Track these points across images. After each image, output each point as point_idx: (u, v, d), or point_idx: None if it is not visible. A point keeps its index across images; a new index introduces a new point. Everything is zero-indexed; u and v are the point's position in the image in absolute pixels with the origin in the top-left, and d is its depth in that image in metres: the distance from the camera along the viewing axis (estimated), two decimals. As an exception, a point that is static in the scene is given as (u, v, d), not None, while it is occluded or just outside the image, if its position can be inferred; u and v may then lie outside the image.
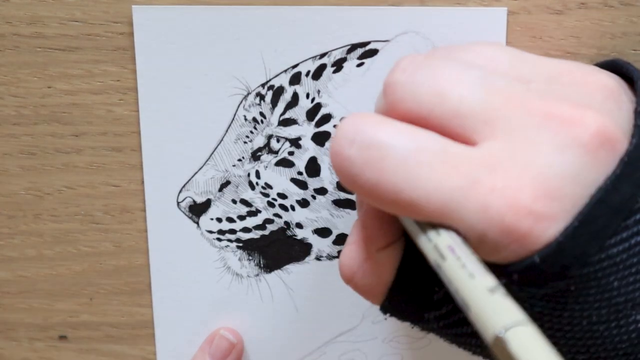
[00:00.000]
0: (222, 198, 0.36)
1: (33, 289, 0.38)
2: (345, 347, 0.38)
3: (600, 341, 0.23)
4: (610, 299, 0.22)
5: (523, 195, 0.21)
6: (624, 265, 0.22)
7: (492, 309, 0.20)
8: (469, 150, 0.22)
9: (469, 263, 0.21)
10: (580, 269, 0.22)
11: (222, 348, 0.37)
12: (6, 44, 0.35)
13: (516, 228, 0.21)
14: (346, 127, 0.23)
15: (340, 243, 0.36)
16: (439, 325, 0.26)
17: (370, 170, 0.22)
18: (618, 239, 0.22)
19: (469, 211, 0.21)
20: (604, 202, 0.21)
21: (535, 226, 0.21)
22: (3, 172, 0.37)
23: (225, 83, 0.34)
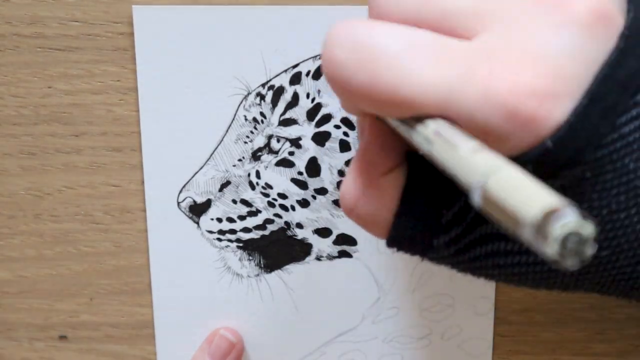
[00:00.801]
0: (223, 198, 0.36)
1: (33, 289, 0.38)
2: (345, 347, 0.38)
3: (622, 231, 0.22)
4: (628, 183, 0.21)
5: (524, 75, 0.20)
6: (638, 145, 0.21)
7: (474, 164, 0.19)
8: (464, 42, 0.22)
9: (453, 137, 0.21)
10: (595, 151, 0.21)
11: (222, 348, 0.37)
12: (6, 44, 0.35)
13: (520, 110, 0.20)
14: (336, 32, 0.22)
15: (340, 243, 0.36)
16: (449, 252, 0.25)
17: (364, 72, 0.22)
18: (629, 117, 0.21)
19: (469, 100, 0.21)
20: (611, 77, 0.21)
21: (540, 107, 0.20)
22: (3, 172, 0.37)
23: (226, 83, 0.34)
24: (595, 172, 0.21)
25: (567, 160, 0.21)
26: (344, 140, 0.34)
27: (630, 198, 0.22)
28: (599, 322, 0.37)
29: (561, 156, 0.21)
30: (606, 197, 0.22)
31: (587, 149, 0.21)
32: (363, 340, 0.38)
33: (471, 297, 0.37)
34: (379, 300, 0.37)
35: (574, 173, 0.21)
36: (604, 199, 0.22)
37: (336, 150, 0.34)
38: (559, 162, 0.21)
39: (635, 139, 0.21)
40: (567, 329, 0.38)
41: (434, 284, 0.36)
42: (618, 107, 0.21)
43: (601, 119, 0.21)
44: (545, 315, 0.37)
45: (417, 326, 0.37)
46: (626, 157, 0.21)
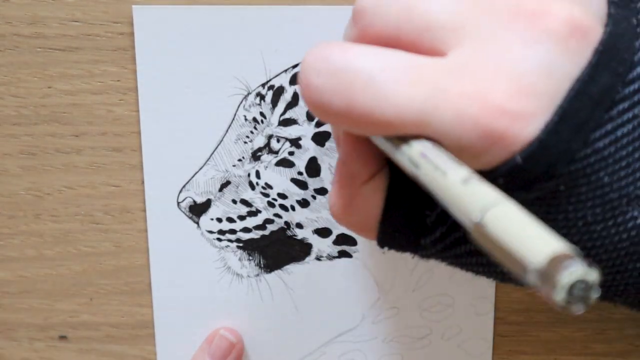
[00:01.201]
0: (222, 198, 0.36)
1: (33, 289, 0.38)
2: (345, 347, 0.38)
3: (600, 242, 0.22)
4: (603, 196, 0.21)
5: (495, 95, 0.20)
6: (613, 159, 0.21)
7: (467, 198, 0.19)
8: (436, 60, 0.22)
9: (441, 162, 0.21)
10: (567, 165, 0.21)
11: (222, 348, 0.37)
12: (6, 44, 0.35)
13: (492, 129, 0.20)
14: (312, 57, 0.23)
15: (340, 243, 0.36)
16: (436, 250, 0.25)
17: (340, 97, 0.22)
18: (603, 132, 0.21)
19: (442, 120, 0.21)
20: (583, 93, 0.21)
21: (512, 125, 0.20)
22: (3, 172, 0.37)
23: (226, 83, 0.34)
24: (569, 185, 0.21)
25: (539, 174, 0.21)
26: (343, 140, 0.34)
27: (607, 211, 0.22)
28: (599, 322, 0.37)
29: (532, 171, 0.21)
30: (582, 209, 0.22)
31: (559, 164, 0.21)
32: (363, 340, 0.38)
33: (471, 297, 0.37)
34: (379, 300, 0.37)
35: (547, 186, 0.21)
36: (580, 210, 0.22)
37: (336, 150, 0.34)
38: (531, 176, 0.21)
39: (610, 154, 0.21)
40: (567, 329, 0.38)
41: (434, 284, 0.36)
42: (591, 122, 0.21)
43: (573, 135, 0.21)
44: (545, 315, 0.37)
45: (417, 326, 0.37)
46: (600, 171, 0.21)
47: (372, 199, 0.26)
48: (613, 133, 0.21)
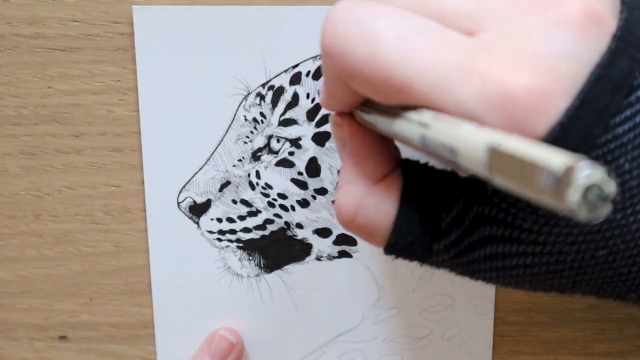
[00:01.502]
0: (223, 198, 0.36)
1: (33, 289, 0.38)
2: (345, 347, 0.38)
3: (618, 231, 0.22)
4: (624, 184, 0.21)
5: (520, 74, 0.20)
6: (632, 145, 0.21)
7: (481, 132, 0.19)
8: (464, 36, 0.22)
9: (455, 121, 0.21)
10: (587, 152, 0.21)
11: (222, 348, 0.37)
12: (6, 44, 0.35)
13: (516, 108, 0.20)
14: (341, 6, 0.23)
15: (340, 243, 0.36)
16: (449, 256, 0.25)
17: (364, 47, 0.22)
18: (622, 118, 0.21)
19: (464, 92, 0.21)
20: (603, 78, 0.21)
21: (535, 106, 0.20)
22: (3, 172, 0.37)
23: (225, 83, 0.34)
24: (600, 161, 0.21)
25: None
26: (344, 140, 0.34)
27: (626, 199, 0.22)
28: (599, 322, 0.37)
29: None
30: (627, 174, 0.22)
31: (580, 149, 0.21)
32: (363, 340, 0.38)
33: (471, 297, 0.37)
34: (379, 300, 0.37)
35: None
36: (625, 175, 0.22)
37: (336, 151, 0.34)
38: None
39: (629, 140, 0.21)
40: (567, 329, 0.38)
41: (434, 284, 0.36)
42: (611, 107, 0.21)
43: (594, 120, 0.21)
44: (545, 315, 0.37)
45: (417, 326, 0.37)
46: (621, 157, 0.21)
47: (386, 199, 0.25)
48: (632, 119, 0.21)
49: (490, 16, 0.22)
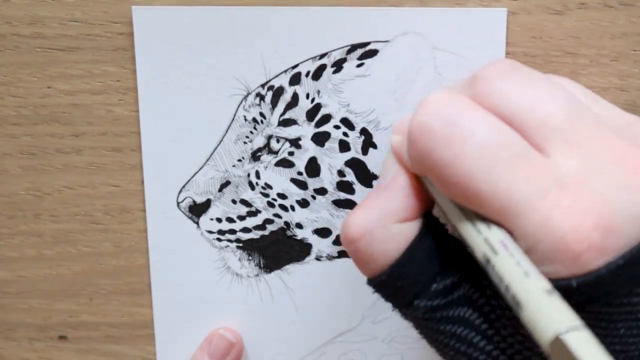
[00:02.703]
0: (222, 198, 0.36)
1: (33, 289, 0.38)
2: (345, 347, 0.38)
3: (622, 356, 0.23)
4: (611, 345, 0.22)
5: (587, 219, 0.21)
6: (635, 317, 0.22)
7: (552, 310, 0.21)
8: (546, 160, 0.23)
9: (523, 261, 0.22)
10: (601, 307, 0.22)
11: (221, 347, 0.37)
12: (6, 44, 0.35)
13: (571, 248, 0.21)
14: (436, 101, 0.23)
15: (340, 243, 0.36)
16: (423, 316, 0.25)
17: (449, 148, 0.22)
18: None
19: (530, 218, 0.22)
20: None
21: (587, 252, 0.21)
22: (3, 172, 0.37)
23: (225, 83, 0.34)
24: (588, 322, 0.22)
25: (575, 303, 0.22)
26: (343, 140, 0.34)
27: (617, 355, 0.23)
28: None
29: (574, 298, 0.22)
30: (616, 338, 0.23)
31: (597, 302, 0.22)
32: (363, 340, 0.38)
33: (471, 297, 0.37)
34: (379, 300, 0.37)
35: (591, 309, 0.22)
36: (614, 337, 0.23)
37: (336, 151, 0.34)
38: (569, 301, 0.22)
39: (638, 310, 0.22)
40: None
41: (433, 284, 0.36)
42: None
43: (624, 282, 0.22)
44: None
45: (417, 326, 0.37)
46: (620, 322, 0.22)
47: (394, 241, 0.25)
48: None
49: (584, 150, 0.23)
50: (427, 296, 0.25)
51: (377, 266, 0.26)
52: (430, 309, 0.25)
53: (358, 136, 0.34)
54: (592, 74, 0.33)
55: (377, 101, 0.34)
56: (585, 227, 0.21)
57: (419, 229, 0.26)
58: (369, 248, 0.25)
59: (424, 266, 0.25)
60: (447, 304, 0.25)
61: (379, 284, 0.26)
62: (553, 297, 0.21)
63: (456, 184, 0.23)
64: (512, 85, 0.24)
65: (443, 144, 0.23)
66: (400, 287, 0.25)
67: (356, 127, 0.34)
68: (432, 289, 0.25)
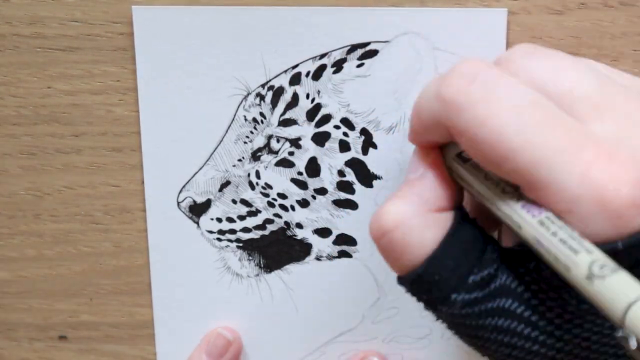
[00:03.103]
0: (222, 198, 0.36)
1: (33, 289, 0.38)
2: (345, 347, 0.38)
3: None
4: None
5: (627, 175, 0.21)
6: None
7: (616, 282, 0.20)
8: (579, 123, 0.22)
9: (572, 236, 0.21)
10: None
11: (219, 346, 0.37)
12: (6, 44, 0.35)
13: (613, 204, 0.21)
14: (470, 64, 0.23)
15: (340, 243, 0.36)
16: (461, 312, 0.24)
17: (484, 108, 0.22)
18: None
19: (567, 174, 0.21)
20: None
21: (631, 208, 0.21)
22: (3, 172, 0.37)
23: (225, 83, 0.34)
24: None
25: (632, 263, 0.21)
26: (343, 140, 0.34)
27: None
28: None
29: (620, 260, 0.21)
30: None
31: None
32: (363, 340, 0.38)
33: (471, 297, 0.37)
34: (379, 300, 0.37)
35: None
36: None
37: (336, 151, 0.34)
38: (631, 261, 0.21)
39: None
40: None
41: (433, 284, 0.36)
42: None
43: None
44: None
45: (417, 326, 0.37)
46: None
47: (431, 230, 0.25)
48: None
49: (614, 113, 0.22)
50: (465, 289, 0.24)
51: (414, 257, 0.25)
52: (468, 303, 0.24)
53: (358, 136, 0.34)
54: (592, 74, 0.33)
55: (377, 101, 0.34)
56: (626, 182, 0.21)
57: (454, 219, 0.25)
58: (405, 238, 0.24)
59: (461, 257, 0.24)
60: (485, 297, 0.24)
61: (414, 279, 0.25)
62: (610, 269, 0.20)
63: (489, 143, 0.22)
64: (536, 62, 0.24)
65: (478, 103, 0.22)
66: (437, 280, 0.24)
67: (356, 127, 0.34)
68: (469, 281, 0.24)
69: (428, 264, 0.24)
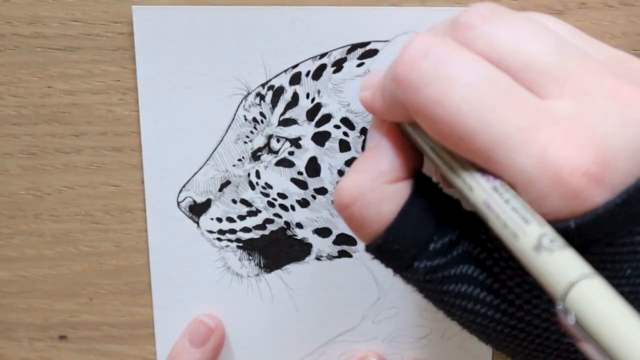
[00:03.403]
0: (222, 198, 0.36)
1: (33, 289, 0.38)
2: (345, 347, 0.38)
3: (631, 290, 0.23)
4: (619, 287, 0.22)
5: (584, 154, 0.21)
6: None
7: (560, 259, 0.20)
8: (537, 99, 0.22)
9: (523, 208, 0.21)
10: (603, 247, 0.21)
11: (201, 332, 0.37)
12: (6, 44, 0.35)
13: (569, 183, 0.21)
14: (422, 41, 0.23)
15: (340, 243, 0.36)
16: (424, 278, 0.25)
17: (437, 87, 0.22)
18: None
19: (524, 154, 0.21)
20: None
21: (586, 188, 0.21)
22: (3, 172, 0.37)
23: (225, 83, 0.34)
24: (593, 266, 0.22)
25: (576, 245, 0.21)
26: (343, 140, 0.34)
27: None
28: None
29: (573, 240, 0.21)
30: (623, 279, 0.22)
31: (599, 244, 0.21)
32: (363, 340, 0.38)
33: (471, 297, 0.37)
34: (379, 300, 0.37)
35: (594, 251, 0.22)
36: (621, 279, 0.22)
37: (336, 150, 0.34)
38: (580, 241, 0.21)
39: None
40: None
41: (434, 284, 0.36)
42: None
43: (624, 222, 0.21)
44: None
45: (417, 326, 0.37)
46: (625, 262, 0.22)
47: (387, 202, 0.25)
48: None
49: (575, 88, 0.22)
50: (426, 257, 0.25)
51: (373, 230, 0.25)
52: (430, 269, 0.25)
53: (358, 136, 0.34)
54: (592, 74, 0.33)
55: (377, 101, 0.34)
56: (582, 161, 0.21)
57: (412, 189, 0.25)
58: (362, 212, 0.25)
59: (420, 226, 0.25)
60: (447, 263, 0.24)
61: (376, 248, 0.25)
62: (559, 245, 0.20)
63: (445, 123, 0.22)
64: (494, 29, 0.23)
65: (432, 81, 0.22)
66: (397, 250, 0.25)
67: (356, 126, 0.34)
68: (430, 249, 0.24)
69: (386, 235, 0.25)
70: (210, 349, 0.37)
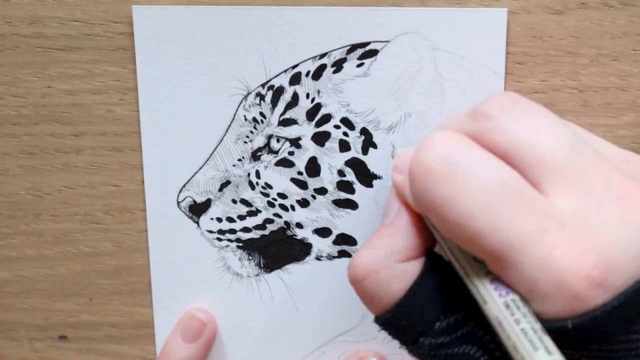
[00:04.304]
0: (222, 198, 0.36)
1: (33, 289, 0.38)
2: (345, 347, 0.38)
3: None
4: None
5: (586, 258, 0.22)
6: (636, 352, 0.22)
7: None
8: (544, 199, 0.23)
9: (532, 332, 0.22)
10: (600, 345, 0.22)
11: (194, 327, 0.37)
12: (6, 44, 0.35)
13: (571, 286, 0.22)
14: (438, 139, 0.24)
15: (340, 243, 0.36)
16: (429, 353, 0.26)
17: (449, 188, 0.23)
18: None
19: (529, 257, 0.22)
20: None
21: (587, 291, 0.22)
22: (3, 172, 0.37)
23: (225, 83, 0.34)
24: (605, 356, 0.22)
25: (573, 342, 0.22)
26: (343, 140, 0.34)
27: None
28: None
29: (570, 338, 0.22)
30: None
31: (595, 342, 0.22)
32: (363, 340, 0.38)
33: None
34: (379, 300, 0.37)
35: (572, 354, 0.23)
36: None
37: (336, 150, 0.34)
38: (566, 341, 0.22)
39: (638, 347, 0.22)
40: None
41: (433, 284, 0.36)
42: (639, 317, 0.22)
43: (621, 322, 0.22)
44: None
45: (417, 326, 0.37)
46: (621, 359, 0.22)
47: (398, 281, 0.26)
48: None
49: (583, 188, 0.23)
50: (432, 334, 0.26)
51: (382, 305, 0.26)
52: (435, 346, 0.25)
53: (358, 136, 0.34)
54: (592, 74, 0.33)
55: (377, 101, 0.34)
56: (584, 265, 0.22)
57: (422, 268, 0.26)
58: (373, 288, 0.26)
59: (427, 305, 0.26)
60: (451, 342, 0.25)
61: (383, 322, 0.27)
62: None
63: (455, 223, 0.23)
64: (512, 122, 0.24)
65: (442, 183, 0.23)
66: (404, 325, 0.26)
67: (356, 126, 0.34)
68: (436, 327, 0.26)
69: (394, 311, 0.26)
70: (202, 344, 0.37)
